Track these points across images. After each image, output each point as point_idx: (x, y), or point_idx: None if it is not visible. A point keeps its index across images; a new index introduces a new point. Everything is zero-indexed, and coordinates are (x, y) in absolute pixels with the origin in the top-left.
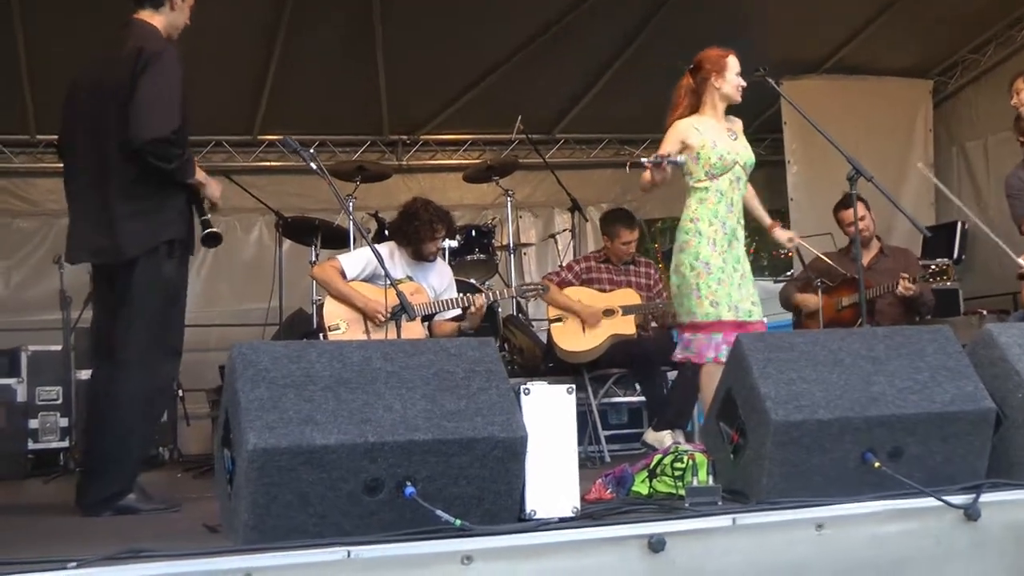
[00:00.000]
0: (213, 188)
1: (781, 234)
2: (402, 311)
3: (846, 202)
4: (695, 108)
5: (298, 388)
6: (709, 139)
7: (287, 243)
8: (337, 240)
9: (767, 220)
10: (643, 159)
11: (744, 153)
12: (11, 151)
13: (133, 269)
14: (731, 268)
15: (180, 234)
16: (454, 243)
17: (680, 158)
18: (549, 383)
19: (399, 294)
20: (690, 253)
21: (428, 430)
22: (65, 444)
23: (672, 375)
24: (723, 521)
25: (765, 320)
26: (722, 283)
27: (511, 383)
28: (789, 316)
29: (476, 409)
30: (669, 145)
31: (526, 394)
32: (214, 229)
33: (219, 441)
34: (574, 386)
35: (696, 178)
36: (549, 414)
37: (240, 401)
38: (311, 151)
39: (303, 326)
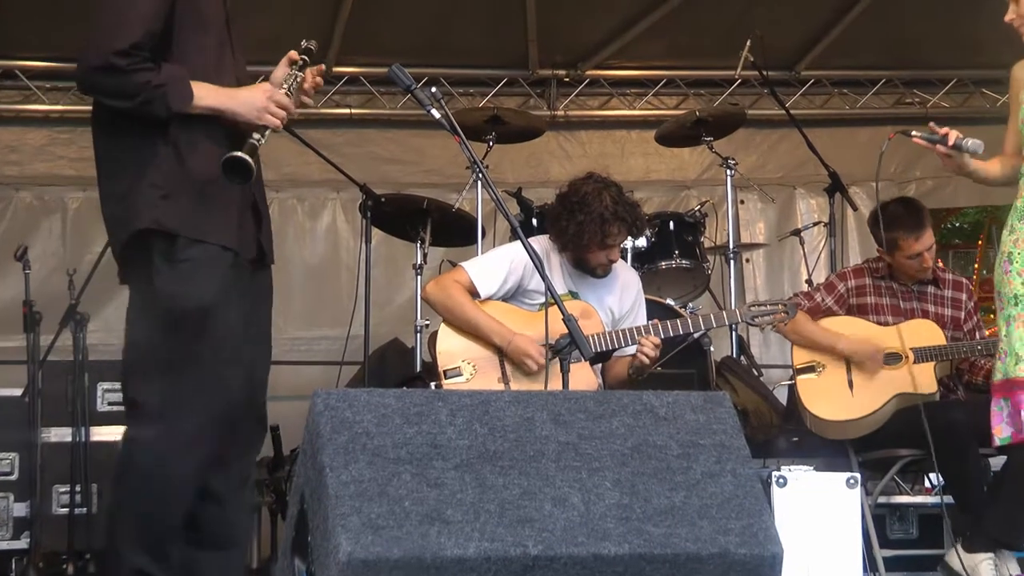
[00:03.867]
0: (243, 104)
1: None
2: (569, 347)
3: None
4: None
5: (419, 465)
6: None
7: (377, 235)
8: (458, 233)
9: None
10: (914, 131)
11: None
12: None
13: (126, 271)
14: None
15: (191, 220)
16: (640, 242)
17: (976, 144)
18: (791, 467)
19: (569, 323)
20: None
21: (624, 539)
22: (22, 544)
23: (997, 462)
24: None
25: None
26: None
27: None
28: None
29: (701, 507)
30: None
31: (780, 485)
32: (239, 154)
33: (287, 547)
34: (858, 476)
35: None
36: (818, 518)
37: (327, 483)
38: (433, 89)
39: (400, 367)
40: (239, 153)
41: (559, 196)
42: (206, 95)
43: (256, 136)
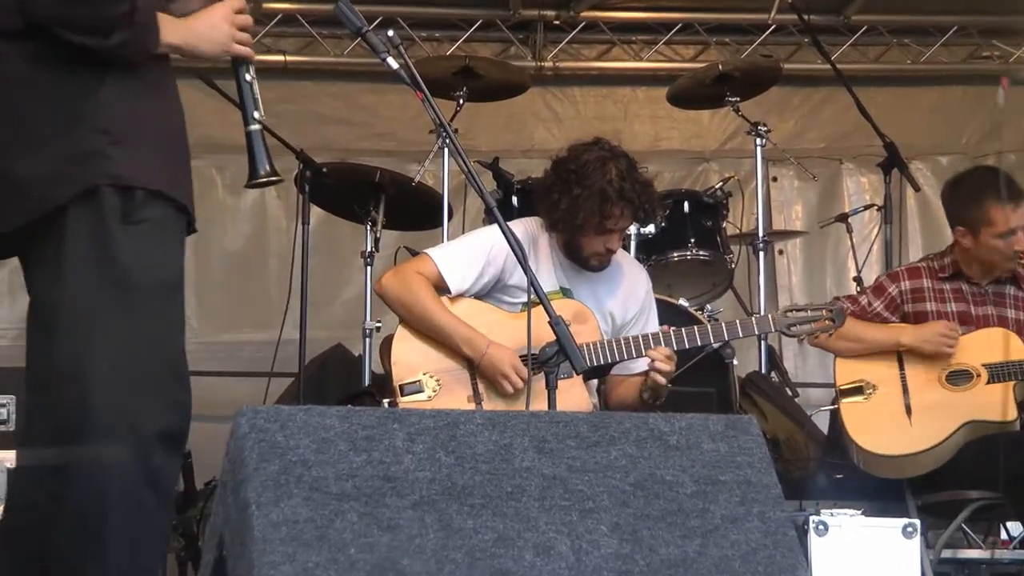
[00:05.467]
0: (205, 39)
1: None
2: (557, 358)
3: None
4: None
5: (369, 502)
6: None
7: (317, 215)
8: (418, 213)
9: None
10: None
11: None
12: None
13: (46, 236)
14: None
15: (151, 169)
16: (649, 229)
17: None
18: (833, 511)
19: (557, 328)
20: None
21: None
22: None
23: None
24: None
25: None
26: None
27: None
28: None
29: (720, 559)
30: None
31: (819, 533)
32: (264, 176)
33: None
34: (917, 524)
35: None
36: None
37: (252, 525)
38: (390, 33)
39: (344, 380)
40: (266, 177)
41: (555, 162)
42: (168, 31)
43: (246, 77)
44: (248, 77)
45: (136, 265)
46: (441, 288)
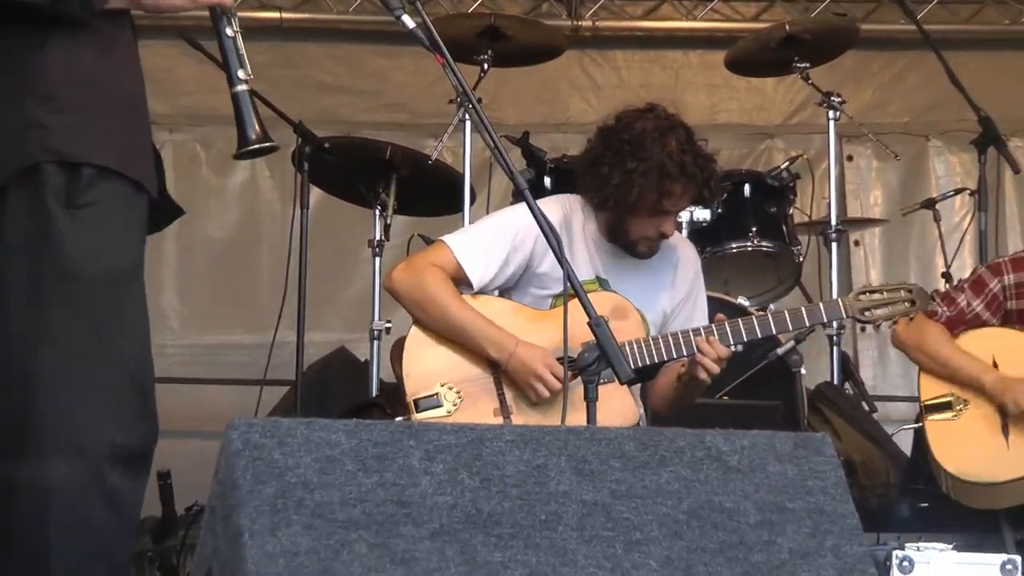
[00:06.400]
0: None
1: None
2: (598, 364)
3: None
4: None
5: (380, 531)
6: None
7: (318, 198)
8: (435, 196)
9: None
10: None
11: None
12: None
13: None
14: None
15: (99, 142)
16: (704, 215)
17: None
18: (920, 544)
19: (599, 329)
20: None
21: None
22: None
23: None
24: None
25: None
26: None
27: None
28: None
29: None
30: None
31: (904, 570)
32: (255, 142)
33: None
34: (1017, 560)
35: None
36: None
37: (245, 557)
38: None
39: (349, 390)
40: (258, 143)
41: (604, 131)
42: None
43: (227, 31)
44: (230, 31)
45: (83, 255)
46: (461, 281)
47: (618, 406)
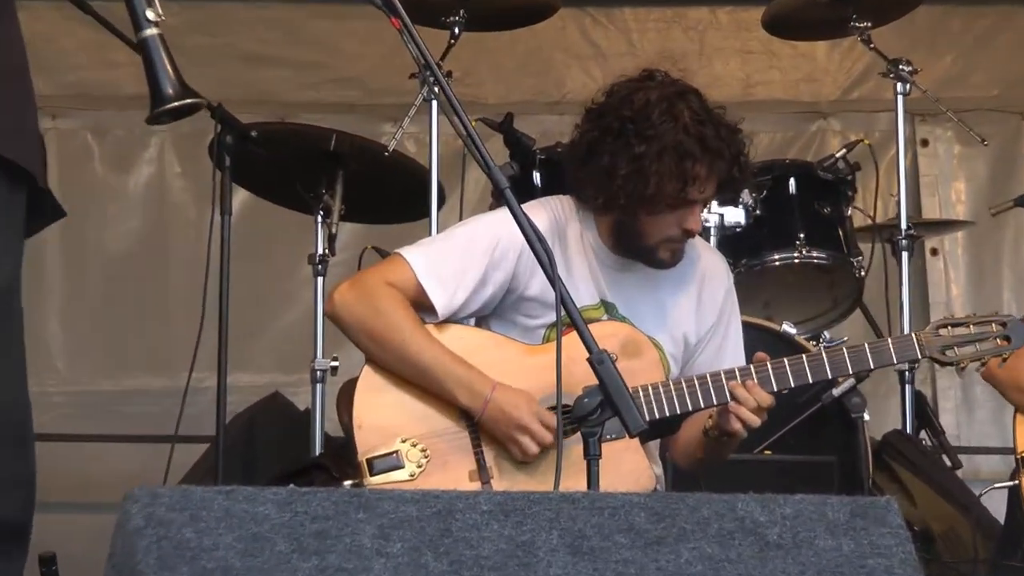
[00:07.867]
0: None
1: None
2: (601, 413)
3: None
4: None
5: None
6: None
7: (241, 200)
8: (394, 197)
9: None
10: None
11: None
12: None
13: None
14: None
15: None
16: (737, 217)
17: None
18: None
19: (600, 366)
20: None
21: None
22: None
23: None
24: None
25: None
26: None
27: None
28: None
29: None
30: None
31: None
32: (174, 98)
33: None
34: None
35: None
36: None
37: None
38: None
39: (285, 447)
40: (176, 100)
41: (592, 112)
42: None
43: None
44: (150, 15)
45: None
46: (421, 306)
47: (629, 468)
